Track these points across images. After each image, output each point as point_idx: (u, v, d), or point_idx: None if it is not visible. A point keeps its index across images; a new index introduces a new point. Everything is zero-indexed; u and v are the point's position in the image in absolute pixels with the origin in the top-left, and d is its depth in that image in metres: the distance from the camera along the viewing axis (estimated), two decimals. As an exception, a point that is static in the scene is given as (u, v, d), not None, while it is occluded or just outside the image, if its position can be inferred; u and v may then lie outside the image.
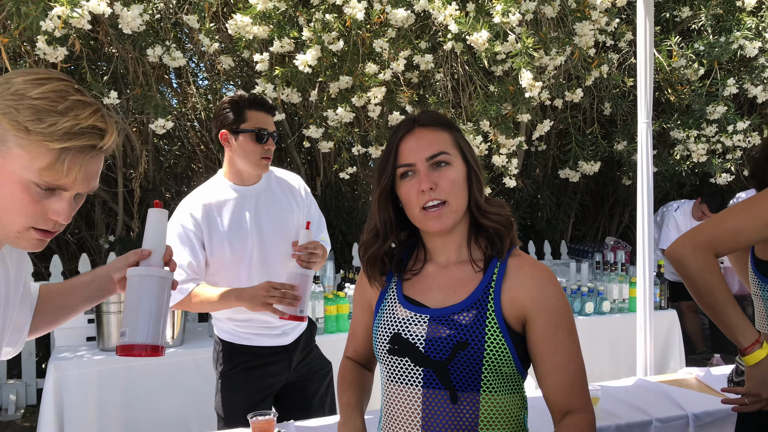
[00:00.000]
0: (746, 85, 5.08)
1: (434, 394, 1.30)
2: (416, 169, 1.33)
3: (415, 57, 3.91)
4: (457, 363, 1.28)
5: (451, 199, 1.32)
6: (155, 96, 4.00)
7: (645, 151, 3.02)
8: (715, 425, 2.27)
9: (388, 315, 1.39)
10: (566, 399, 1.29)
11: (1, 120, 1.00)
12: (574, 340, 1.32)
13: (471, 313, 1.30)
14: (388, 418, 1.38)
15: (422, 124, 1.37)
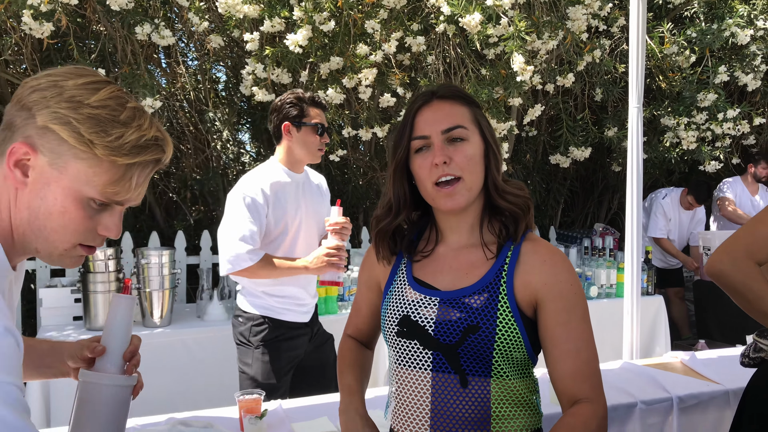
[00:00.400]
0: (737, 73, 5.08)
1: (444, 378, 1.27)
2: (431, 143, 1.29)
3: (407, 39, 3.89)
4: (468, 347, 1.25)
5: (465, 176, 1.27)
6: (144, 75, 3.95)
7: (635, 136, 3.02)
8: (699, 407, 2.29)
9: (397, 296, 1.36)
10: (575, 387, 1.24)
11: (59, 130, 0.91)
12: (586, 327, 1.27)
13: (483, 296, 1.27)
14: (399, 401, 1.34)
15: (440, 97, 1.33)
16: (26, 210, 0.95)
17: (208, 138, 5.69)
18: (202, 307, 3.53)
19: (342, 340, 1.59)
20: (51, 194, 0.93)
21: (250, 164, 6.73)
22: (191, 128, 5.77)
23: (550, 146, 5.86)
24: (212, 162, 5.85)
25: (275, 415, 2.10)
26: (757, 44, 5.07)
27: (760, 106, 5.89)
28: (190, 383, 3.25)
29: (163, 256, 3.36)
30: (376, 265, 1.45)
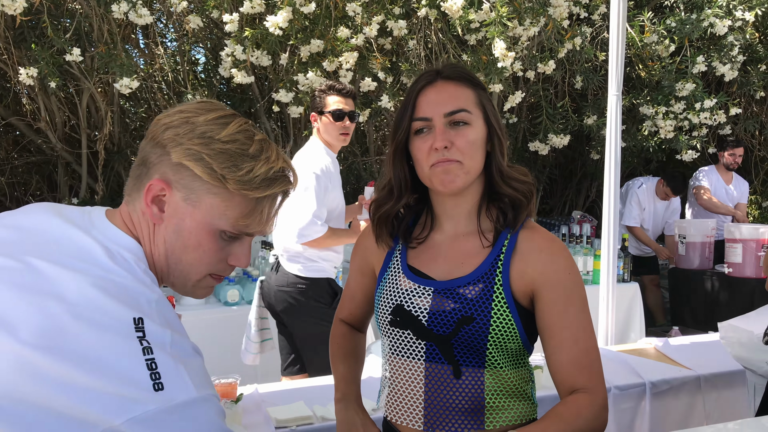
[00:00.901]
0: (715, 63, 5.13)
1: (437, 369, 1.25)
2: (432, 125, 1.23)
3: (388, 22, 3.86)
4: (462, 338, 1.22)
5: (465, 161, 1.23)
6: (120, 55, 3.88)
7: (614, 123, 3.04)
8: (671, 392, 2.33)
9: (391, 285, 1.32)
10: (572, 377, 1.20)
11: (193, 167, 0.93)
12: (585, 316, 1.23)
13: (478, 286, 1.23)
14: (392, 389, 1.33)
15: (445, 77, 1.26)
16: (163, 244, 0.99)
17: (187, 121, 5.62)
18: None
19: (334, 325, 1.55)
20: (186, 228, 0.97)
21: (229, 147, 6.66)
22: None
23: (529, 133, 5.88)
24: (191, 145, 5.78)
25: (251, 399, 2.10)
26: (734, 34, 5.12)
27: (737, 96, 5.96)
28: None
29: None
30: (370, 250, 1.42)
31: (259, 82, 5.50)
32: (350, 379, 1.45)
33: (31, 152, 5.60)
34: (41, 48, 3.74)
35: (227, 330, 3.33)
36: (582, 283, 1.26)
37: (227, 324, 3.34)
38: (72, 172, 5.56)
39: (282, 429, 1.92)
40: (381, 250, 1.39)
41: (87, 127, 5.15)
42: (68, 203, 5.04)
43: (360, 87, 4.10)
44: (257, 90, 5.45)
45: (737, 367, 2.39)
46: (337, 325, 1.55)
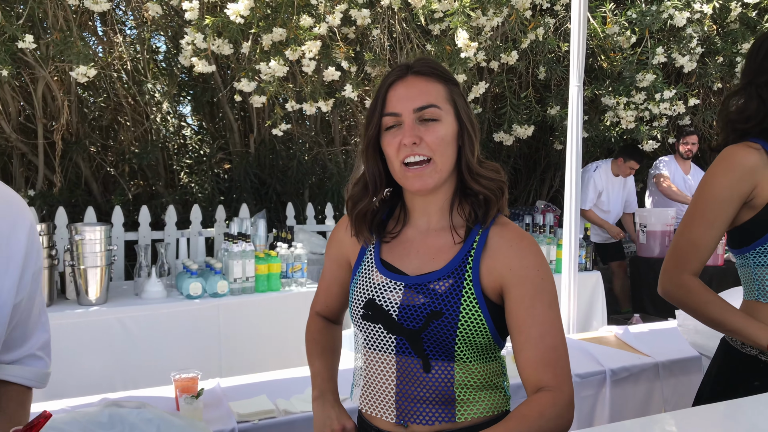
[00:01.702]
0: (674, 55, 5.22)
1: (408, 362, 1.26)
2: (402, 121, 1.24)
3: (351, 11, 3.82)
4: (431, 332, 1.22)
5: (436, 157, 1.23)
6: (77, 42, 3.77)
7: (575, 114, 3.07)
8: (630, 379, 2.37)
9: (364, 279, 1.33)
10: (537, 375, 1.20)
11: None
12: (552, 313, 1.22)
13: (448, 282, 1.24)
14: (366, 382, 1.33)
15: (416, 72, 1.26)
16: None
17: (147, 110, 5.51)
18: (140, 285, 3.43)
19: (310, 319, 1.54)
20: None
21: (191, 137, 6.57)
22: (129, 100, 5.58)
23: (494, 124, 5.92)
24: (151, 135, 5.68)
25: (212, 393, 2.07)
26: (693, 26, 5.20)
27: (695, 87, 6.07)
28: (126, 362, 3.18)
29: (99, 231, 3.24)
30: (345, 243, 1.41)
31: (221, 71, 5.41)
32: (327, 377, 1.45)
33: (-16, 143, 5.43)
34: (-7, 35, 3.62)
35: (189, 323, 3.29)
36: (552, 280, 1.25)
37: (189, 317, 3.29)
38: (28, 163, 5.41)
39: (244, 423, 1.90)
40: (355, 242, 1.38)
41: (43, 116, 5.01)
42: (24, 196, 4.92)
43: (323, 77, 4.06)
44: (219, 79, 5.37)
45: (694, 354, 2.45)
46: (313, 318, 1.54)
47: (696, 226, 1.58)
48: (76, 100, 5.26)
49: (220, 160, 6.03)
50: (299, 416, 1.95)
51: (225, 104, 5.61)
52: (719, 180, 1.56)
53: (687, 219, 1.61)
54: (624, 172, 5.43)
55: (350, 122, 6.54)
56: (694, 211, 1.59)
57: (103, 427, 1.65)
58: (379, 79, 4.23)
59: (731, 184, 1.54)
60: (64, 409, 1.96)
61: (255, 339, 3.43)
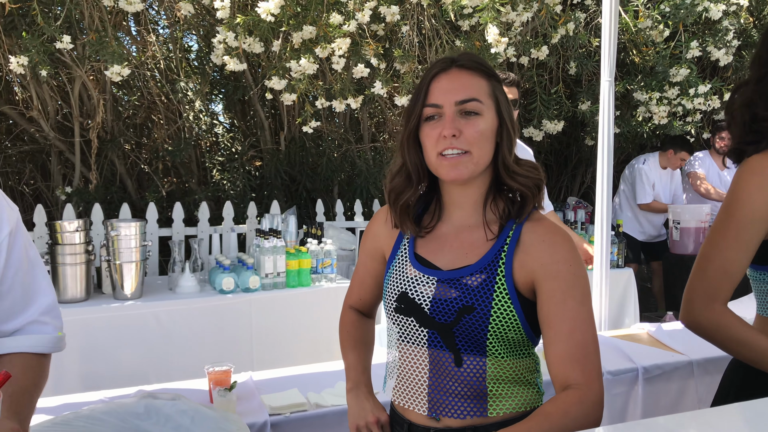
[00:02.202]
0: (709, 48, 5.12)
1: (440, 355, 1.26)
2: (443, 113, 1.24)
3: (381, 8, 3.83)
4: (462, 327, 1.23)
5: (474, 150, 1.23)
6: (111, 42, 3.85)
7: (606, 109, 3.03)
8: (663, 378, 2.34)
9: (398, 272, 1.34)
10: (565, 371, 1.18)
11: None
12: (584, 309, 1.21)
13: (480, 276, 1.24)
14: (400, 375, 1.34)
15: (460, 65, 1.27)
16: None
17: (180, 108, 5.60)
18: (174, 280, 3.50)
19: (343, 312, 1.56)
20: None
21: (223, 135, 6.65)
22: (162, 98, 5.66)
23: (524, 119, 5.87)
24: (184, 133, 5.76)
25: (245, 387, 2.11)
26: (729, 19, 5.10)
27: (732, 81, 5.95)
28: (161, 356, 3.24)
29: (134, 227, 3.31)
30: (381, 236, 1.43)
31: (252, 70, 5.47)
32: (361, 369, 1.46)
33: (24, 141, 5.57)
34: (32, 36, 3.71)
35: (222, 318, 3.34)
36: (585, 276, 1.24)
37: (222, 312, 3.34)
38: (65, 160, 5.53)
39: (276, 416, 1.93)
40: (391, 236, 1.40)
41: (79, 115, 5.12)
42: (62, 192, 5.03)
43: (353, 73, 4.08)
44: (250, 77, 5.42)
45: (729, 352, 2.40)
46: (347, 312, 1.56)
47: (728, 250, 1.38)
48: (111, 99, 5.36)
49: (252, 158, 6.09)
50: (330, 410, 1.97)
51: (256, 102, 5.67)
52: (755, 197, 1.36)
53: (715, 239, 1.41)
54: (674, 164, 5.34)
55: (379, 119, 6.55)
56: (725, 231, 1.39)
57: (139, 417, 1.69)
58: (408, 75, 4.23)
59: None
60: (102, 400, 2.01)
61: (286, 333, 3.47)
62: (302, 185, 5.73)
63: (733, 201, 1.40)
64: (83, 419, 1.50)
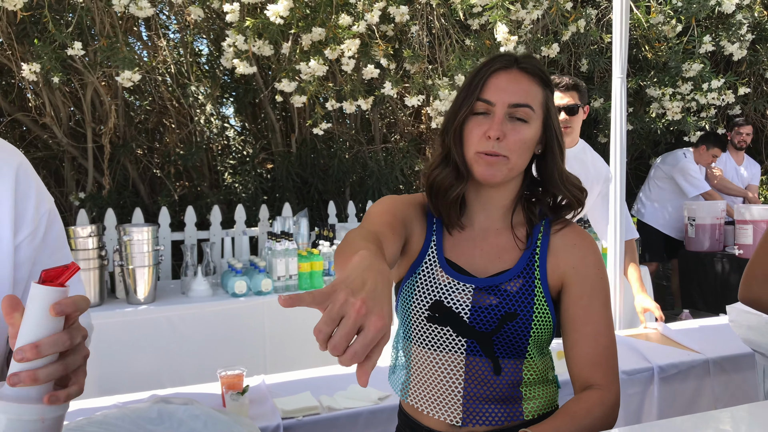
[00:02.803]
0: (723, 43, 5.06)
1: (478, 363, 1.24)
2: (493, 111, 1.21)
3: (390, 8, 3.82)
4: (504, 334, 1.22)
5: (512, 157, 1.22)
6: (122, 48, 3.87)
7: (619, 107, 3.00)
8: (679, 377, 2.31)
9: (428, 279, 1.27)
10: (588, 373, 1.22)
11: None
12: (607, 313, 1.25)
13: (518, 282, 1.24)
14: (422, 382, 1.29)
15: (522, 68, 1.24)
16: None
17: (191, 112, 5.62)
18: (187, 284, 3.51)
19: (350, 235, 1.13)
20: None
21: (234, 138, 6.67)
22: (174, 102, 5.69)
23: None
24: (196, 137, 5.78)
25: (257, 390, 2.10)
26: (743, 13, 5.04)
27: (746, 75, 5.88)
28: (174, 359, 3.25)
29: (146, 232, 3.33)
30: (414, 224, 1.30)
31: (262, 72, 5.48)
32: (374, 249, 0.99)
33: (37, 147, 5.61)
34: (43, 43, 3.74)
35: (235, 321, 3.34)
36: (607, 279, 1.27)
37: (235, 315, 3.35)
38: (78, 166, 5.58)
39: (289, 419, 1.92)
40: (421, 231, 1.31)
41: (92, 121, 5.16)
42: (75, 198, 5.07)
43: (363, 75, 4.08)
44: (261, 80, 5.44)
45: (747, 351, 2.37)
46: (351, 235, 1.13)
47: None
48: (123, 104, 5.39)
49: (263, 160, 6.11)
50: (343, 413, 1.96)
51: (267, 105, 5.68)
52: None
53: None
54: (705, 161, 5.24)
55: (390, 120, 6.54)
56: None
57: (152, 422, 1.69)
58: (418, 75, 4.22)
59: None
60: (116, 405, 2.02)
61: (298, 336, 3.46)
62: (314, 187, 5.73)
63: None
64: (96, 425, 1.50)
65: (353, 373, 1.51)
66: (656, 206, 5.41)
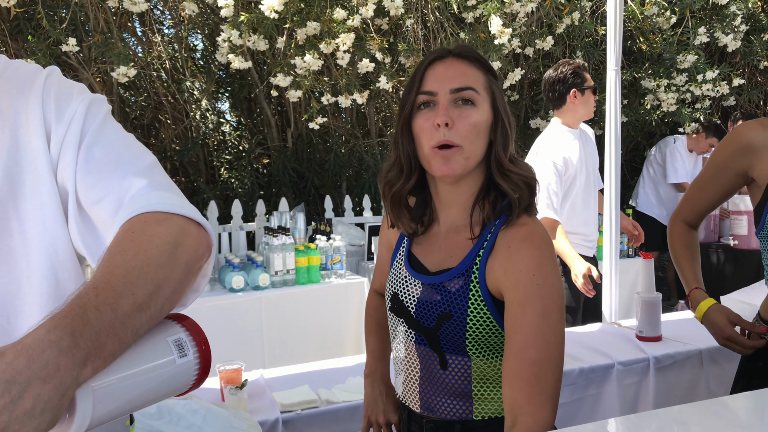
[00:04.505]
0: (717, 34, 5.07)
1: (428, 357, 1.26)
2: (437, 101, 1.18)
3: (384, 2, 3.82)
4: (444, 332, 1.21)
5: (465, 145, 1.17)
6: (117, 43, 3.86)
7: (614, 99, 3.01)
8: (675, 367, 2.33)
9: (394, 272, 1.34)
10: (512, 390, 1.09)
11: None
12: (545, 325, 1.10)
13: (459, 282, 1.20)
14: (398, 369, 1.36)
15: (457, 55, 1.22)
16: None
17: (187, 108, 5.61)
18: (184, 279, 3.52)
19: (368, 297, 1.58)
20: None
21: (230, 133, 6.66)
22: (169, 98, 5.68)
23: (531, 110, 5.85)
24: (191, 132, 5.78)
25: (256, 384, 2.11)
26: (737, 4, 5.05)
27: (741, 66, 5.90)
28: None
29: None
30: (392, 230, 1.40)
31: (257, 67, 5.47)
32: (379, 355, 1.48)
33: (32, 144, 5.59)
34: (38, 39, 3.73)
35: (233, 316, 3.35)
36: (552, 288, 1.13)
37: (233, 310, 3.36)
38: (74, 163, 5.56)
39: (287, 413, 1.93)
40: (396, 231, 1.39)
41: (87, 117, 5.14)
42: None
43: (358, 68, 4.08)
44: (256, 75, 5.43)
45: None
46: (371, 296, 1.57)
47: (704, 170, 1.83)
48: (118, 100, 5.38)
49: (259, 155, 6.11)
50: (341, 406, 1.98)
51: (262, 100, 5.67)
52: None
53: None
54: (701, 148, 5.25)
55: (386, 114, 6.54)
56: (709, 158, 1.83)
57: (151, 417, 1.70)
58: (413, 69, 4.22)
59: None
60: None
61: (296, 330, 3.48)
62: (310, 181, 5.74)
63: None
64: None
65: (351, 367, 1.53)
66: (650, 195, 5.45)
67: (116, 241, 0.79)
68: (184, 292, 0.82)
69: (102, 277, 0.72)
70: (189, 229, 0.84)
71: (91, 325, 0.66)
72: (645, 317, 2.48)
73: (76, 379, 0.65)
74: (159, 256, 0.77)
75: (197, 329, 0.82)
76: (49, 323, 0.65)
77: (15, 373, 0.61)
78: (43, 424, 0.62)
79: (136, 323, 0.72)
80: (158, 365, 0.76)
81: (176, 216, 0.83)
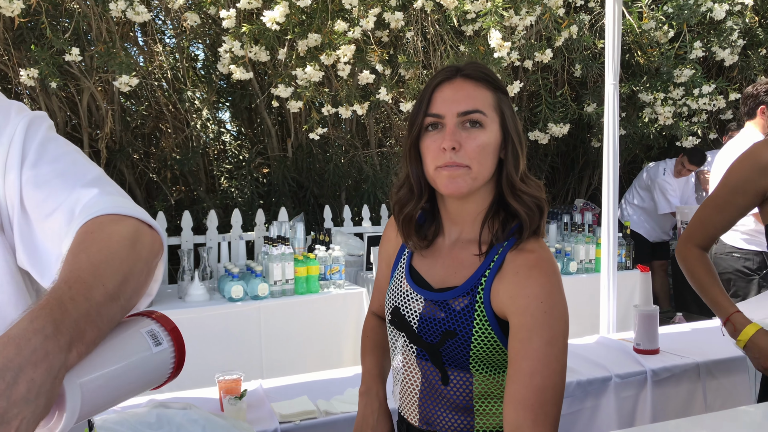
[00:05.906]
0: (714, 48, 5.11)
1: (429, 371, 1.26)
2: (444, 123, 1.18)
3: (385, 14, 3.85)
4: (447, 349, 1.21)
5: (474, 165, 1.16)
6: (119, 53, 3.89)
7: (612, 112, 3.04)
8: (672, 380, 2.34)
9: (395, 285, 1.34)
10: (516, 415, 1.10)
11: None
12: (552, 353, 1.10)
13: (465, 300, 1.20)
14: (396, 381, 1.36)
15: (465, 75, 1.21)
16: None
17: (188, 117, 5.64)
18: (184, 288, 3.52)
19: (366, 318, 1.57)
20: None
21: (230, 143, 6.69)
22: (170, 107, 5.71)
23: (530, 123, 5.88)
24: (192, 141, 5.80)
25: (255, 395, 2.12)
26: (733, 19, 5.09)
27: (738, 80, 5.94)
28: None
29: (143, 237, 3.34)
30: (391, 242, 1.42)
31: (258, 78, 5.50)
32: (376, 373, 1.46)
33: (33, 152, 5.61)
34: (41, 49, 3.75)
35: (232, 325, 3.36)
36: (559, 316, 1.14)
37: (232, 319, 3.36)
38: (74, 171, 5.57)
39: (286, 423, 1.94)
40: (396, 244, 1.40)
41: (88, 126, 5.17)
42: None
43: (358, 80, 4.10)
44: (257, 85, 5.46)
45: (738, 354, 2.40)
46: (368, 316, 1.57)
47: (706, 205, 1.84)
48: (119, 109, 5.41)
49: (259, 165, 6.13)
50: (340, 417, 1.98)
51: (263, 110, 5.70)
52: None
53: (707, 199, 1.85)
54: (679, 172, 5.43)
55: (385, 125, 6.57)
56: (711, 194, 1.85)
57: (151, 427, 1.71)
58: (413, 81, 4.25)
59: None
60: (114, 410, 2.03)
61: (295, 340, 3.48)
62: (310, 191, 5.76)
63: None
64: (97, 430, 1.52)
65: (350, 378, 1.54)
66: (640, 218, 5.57)
67: (77, 241, 0.82)
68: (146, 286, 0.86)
69: (71, 272, 0.76)
70: (143, 229, 0.89)
71: (70, 314, 0.69)
72: (642, 330, 2.50)
73: (64, 363, 0.68)
74: (121, 250, 0.81)
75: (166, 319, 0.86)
76: (29, 315, 0.68)
77: (6, 361, 0.63)
78: (38, 408, 0.65)
79: (110, 312, 0.76)
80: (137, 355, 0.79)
81: (129, 218, 0.88)
